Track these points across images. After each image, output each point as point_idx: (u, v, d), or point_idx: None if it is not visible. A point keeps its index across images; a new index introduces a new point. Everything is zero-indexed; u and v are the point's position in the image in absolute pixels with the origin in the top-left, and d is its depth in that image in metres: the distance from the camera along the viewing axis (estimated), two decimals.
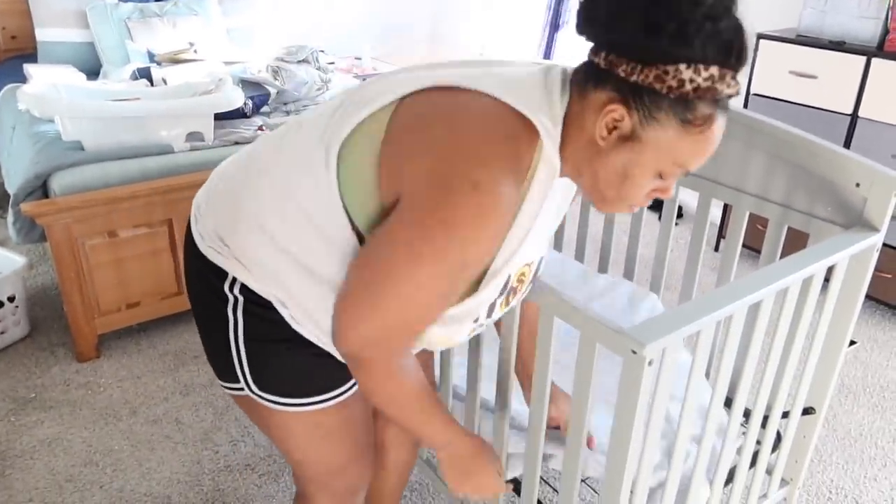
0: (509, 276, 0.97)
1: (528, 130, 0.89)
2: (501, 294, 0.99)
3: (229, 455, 1.99)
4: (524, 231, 0.94)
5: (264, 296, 1.00)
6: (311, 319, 1.00)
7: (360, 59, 4.53)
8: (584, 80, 0.91)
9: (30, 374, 2.31)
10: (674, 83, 0.83)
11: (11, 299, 2.39)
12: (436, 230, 0.84)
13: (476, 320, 0.99)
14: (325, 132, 0.95)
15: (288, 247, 0.97)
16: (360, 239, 0.95)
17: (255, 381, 1.06)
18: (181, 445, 2.03)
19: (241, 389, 1.08)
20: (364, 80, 2.12)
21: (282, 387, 1.06)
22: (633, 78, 0.85)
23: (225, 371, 1.08)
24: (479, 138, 0.86)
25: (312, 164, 0.94)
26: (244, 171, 1.04)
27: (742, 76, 0.89)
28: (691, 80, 0.83)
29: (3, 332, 2.40)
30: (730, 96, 0.87)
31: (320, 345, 1.03)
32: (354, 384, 1.11)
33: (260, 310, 1.01)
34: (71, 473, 1.92)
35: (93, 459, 1.97)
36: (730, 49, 0.84)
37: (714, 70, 0.83)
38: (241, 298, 1.01)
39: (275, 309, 1.00)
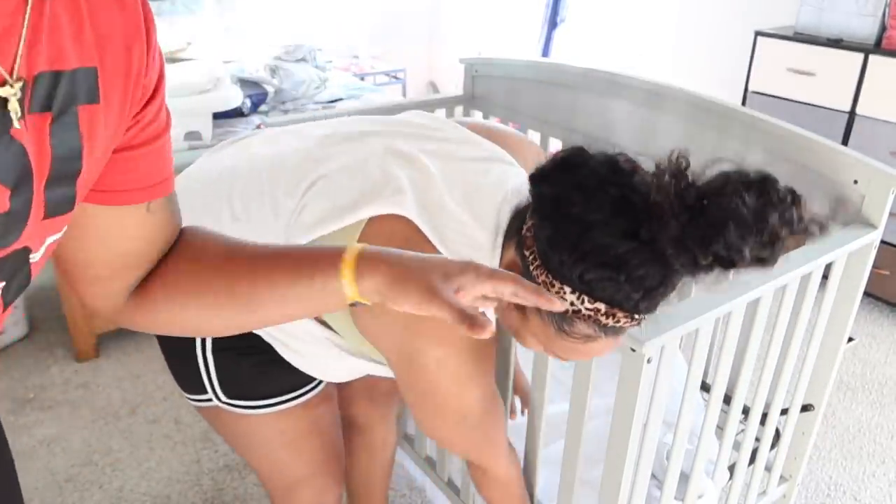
0: None
1: None
2: None
3: (229, 454, 1.99)
4: None
5: None
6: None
7: (357, 57, 4.53)
8: (511, 231, 0.90)
9: (29, 375, 2.31)
10: (556, 296, 0.80)
11: None
12: (425, 397, 0.93)
13: None
14: (288, 227, 0.94)
15: None
16: None
17: (222, 390, 1.07)
18: (180, 445, 2.03)
19: (210, 400, 1.09)
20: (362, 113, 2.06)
21: (248, 390, 1.08)
22: (531, 268, 0.83)
23: (192, 384, 1.09)
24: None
25: None
26: (216, 200, 1.02)
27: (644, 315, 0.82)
28: (572, 304, 0.79)
29: (1, 333, 2.40)
30: (619, 329, 0.82)
31: (277, 348, 1.04)
32: (318, 384, 1.13)
33: None
34: (70, 473, 1.92)
35: (92, 459, 1.97)
36: (629, 299, 0.78)
37: (601, 306, 0.79)
38: None
39: None
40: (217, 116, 2.71)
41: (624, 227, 0.76)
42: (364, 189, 0.92)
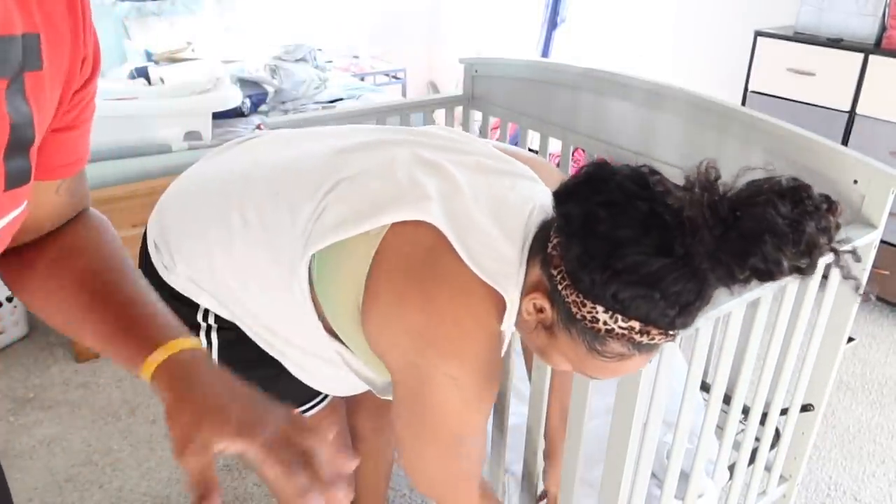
0: None
1: (498, 304, 0.87)
2: None
3: (228, 454, 1.99)
4: None
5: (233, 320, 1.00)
6: (271, 333, 1.00)
7: (357, 57, 4.53)
8: (535, 248, 0.87)
9: (29, 374, 2.31)
10: (588, 316, 0.78)
11: (10, 299, 2.39)
12: (423, 413, 0.89)
13: None
14: (306, 231, 0.90)
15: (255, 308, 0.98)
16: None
17: None
18: None
19: None
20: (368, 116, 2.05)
21: None
22: (559, 287, 0.80)
23: None
24: (453, 328, 0.84)
25: (288, 259, 0.92)
26: (226, 205, 0.99)
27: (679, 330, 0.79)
28: (605, 323, 0.77)
29: (1, 333, 2.40)
30: (653, 346, 0.80)
31: (285, 364, 1.02)
32: (324, 398, 1.11)
33: (232, 334, 1.00)
34: (70, 473, 1.92)
35: (92, 459, 1.97)
36: (664, 316, 0.76)
37: (635, 324, 0.77)
38: (214, 325, 1.01)
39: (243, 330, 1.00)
40: (217, 116, 2.71)
41: (656, 242, 0.74)
42: (388, 194, 0.89)
